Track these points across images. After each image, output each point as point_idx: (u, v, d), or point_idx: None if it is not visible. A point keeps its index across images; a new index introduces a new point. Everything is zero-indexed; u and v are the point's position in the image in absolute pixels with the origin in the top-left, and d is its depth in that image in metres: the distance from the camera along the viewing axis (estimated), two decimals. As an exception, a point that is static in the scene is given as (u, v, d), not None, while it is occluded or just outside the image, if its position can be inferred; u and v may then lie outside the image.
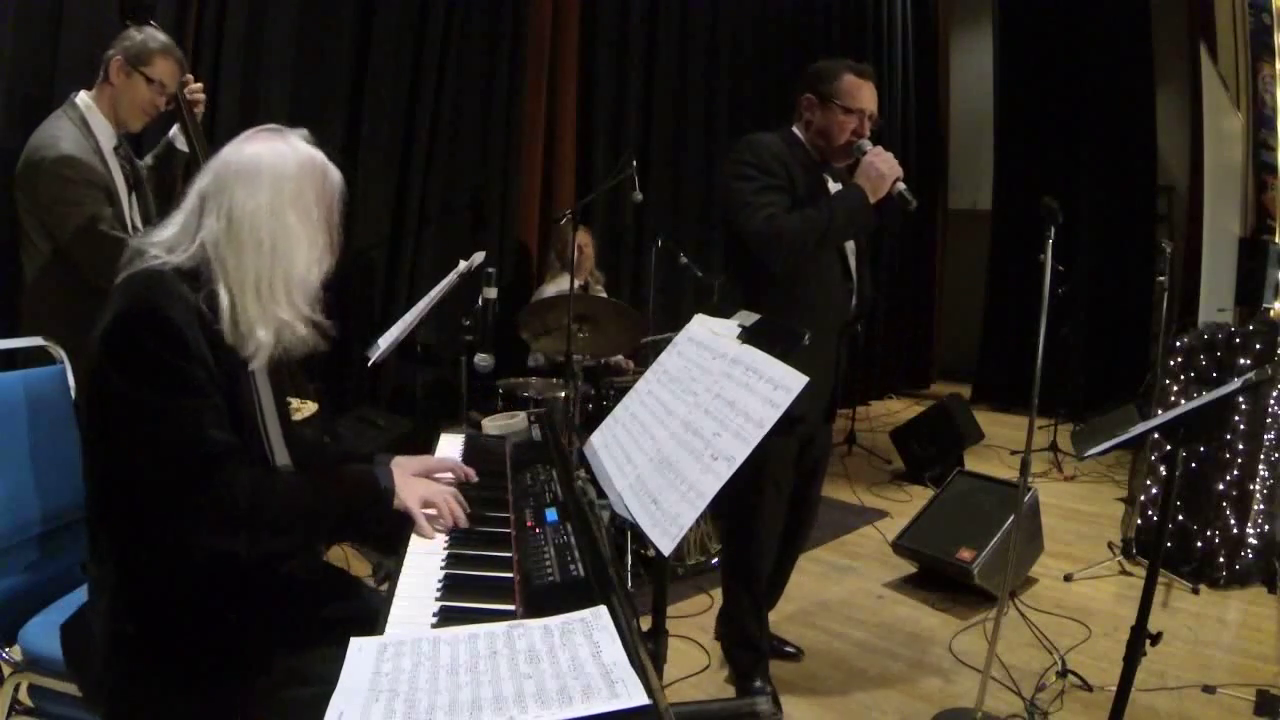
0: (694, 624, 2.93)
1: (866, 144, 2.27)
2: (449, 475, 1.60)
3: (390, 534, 1.40)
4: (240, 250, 1.29)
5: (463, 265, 3.09)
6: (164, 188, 2.41)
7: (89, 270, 2.08)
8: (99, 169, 2.12)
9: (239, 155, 1.33)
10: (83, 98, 2.18)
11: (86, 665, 1.35)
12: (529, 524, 1.41)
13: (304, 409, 2.82)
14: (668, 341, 1.66)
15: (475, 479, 1.60)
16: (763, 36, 6.02)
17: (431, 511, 1.42)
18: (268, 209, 1.30)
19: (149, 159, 2.44)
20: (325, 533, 1.43)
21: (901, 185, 2.20)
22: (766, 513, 2.40)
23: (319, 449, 1.64)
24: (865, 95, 2.28)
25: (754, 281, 2.28)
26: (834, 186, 2.36)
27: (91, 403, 1.28)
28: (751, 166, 2.23)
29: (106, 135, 2.20)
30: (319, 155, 1.39)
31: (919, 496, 4.52)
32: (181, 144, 2.39)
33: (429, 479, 1.52)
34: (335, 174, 1.41)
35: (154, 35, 2.22)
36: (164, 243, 1.31)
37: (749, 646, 2.51)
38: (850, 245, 2.40)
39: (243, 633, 1.33)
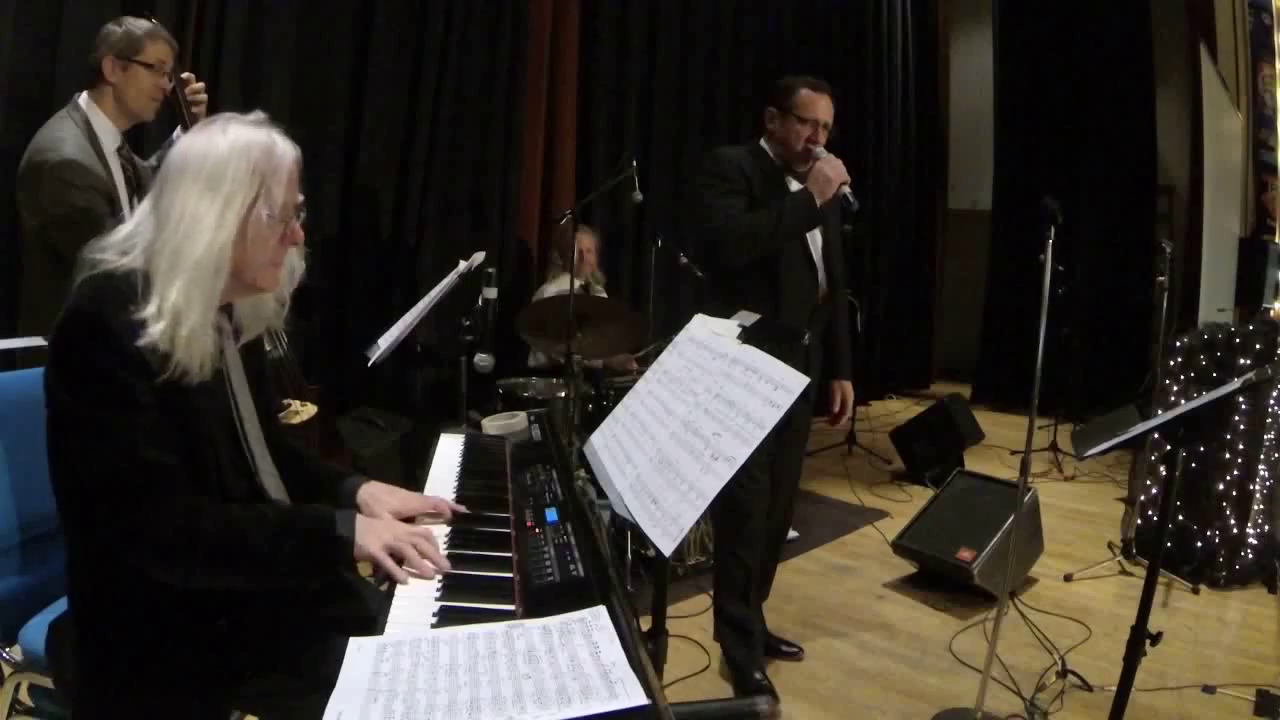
0: (694, 624, 2.93)
1: (820, 150, 2.48)
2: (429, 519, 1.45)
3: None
4: (165, 245, 1.24)
5: (463, 265, 3.09)
6: None
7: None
8: (101, 173, 2.12)
9: (174, 152, 1.29)
10: (85, 99, 2.18)
11: (65, 664, 1.33)
12: (529, 524, 1.40)
13: (304, 411, 2.82)
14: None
15: (464, 511, 1.46)
16: (763, 36, 6.01)
17: (394, 567, 1.26)
18: (190, 198, 1.24)
19: (153, 160, 2.44)
20: (273, 577, 1.26)
21: (846, 189, 2.41)
22: (747, 491, 2.46)
23: (302, 457, 1.58)
24: (820, 107, 2.50)
25: (727, 275, 2.53)
26: (795, 189, 2.57)
27: (46, 406, 1.24)
28: (713, 175, 2.51)
29: (110, 136, 2.20)
30: (258, 135, 1.30)
31: (919, 496, 4.52)
32: None
33: (402, 520, 1.39)
34: (283, 149, 1.32)
35: (134, 23, 2.21)
36: (117, 245, 1.27)
37: (742, 636, 2.53)
38: (816, 240, 2.60)
39: (220, 636, 1.30)
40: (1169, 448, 2.05)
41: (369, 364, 2.85)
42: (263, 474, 1.42)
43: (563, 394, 3.37)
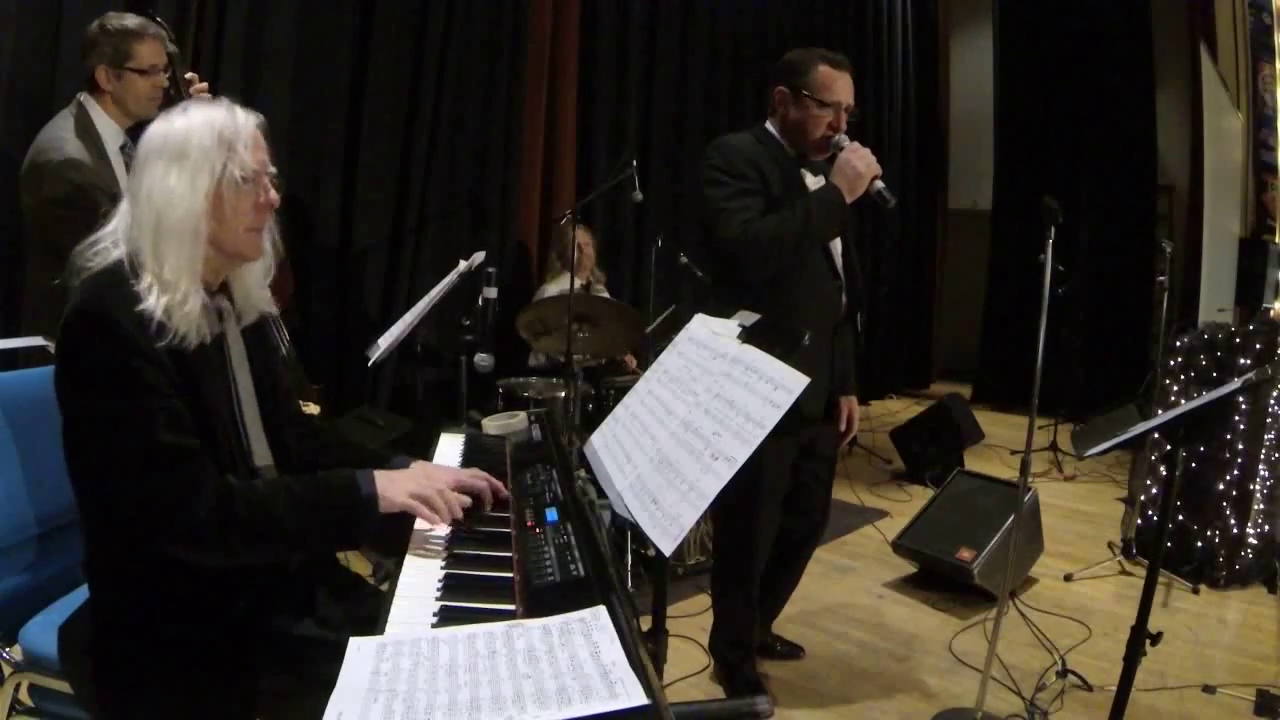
0: (694, 624, 2.93)
1: (844, 139, 2.18)
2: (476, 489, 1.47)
3: (387, 534, 1.36)
4: (143, 222, 1.27)
5: (463, 265, 3.09)
6: None
7: None
8: (103, 172, 2.12)
9: (143, 139, 1.32)
10: (87, 98, 2.18)
11: (81, 666, 1.34)
12: (529, 524, 1.40)
13: (306, 410, 2.83)
14: (668, 324, 1.65)
15: (505, 493, 1.49)
16: (763, 36, 6.02)
17: (428, 511, 1.34)
18: (158, 175, 1.28)
19: None
20: (310, 544, 1.33)
21: (880, 184, 2.12)
22: (763, 517, 2.37)
23: (311, 442, 1.59)
24: (841, 87, 2.19)
25: (740, 284, 2.20)
26: (812, 181, 2.29)
27: (60, 408, 1.25)
28: (721, 171, 2.17)
29: (112, 134, 2.19)
30: (218, 108, 1.34)
31: (919, 496, 4.52)
32: None
33: (427, 476, 1.42)
34: (243, 116, 1.36)
35: (119, 24, 2.16)
36: (107, 239, 1.30)
37: (737, 645, 2.51)
38: (837, 247, 2.34)
39: (239, 633, 1.32)
40: (1169, 448, 2.05)
41: (369, 364, 2.85)
42: (255, 456, 1.42)
43: (563, 394, 3.37)
